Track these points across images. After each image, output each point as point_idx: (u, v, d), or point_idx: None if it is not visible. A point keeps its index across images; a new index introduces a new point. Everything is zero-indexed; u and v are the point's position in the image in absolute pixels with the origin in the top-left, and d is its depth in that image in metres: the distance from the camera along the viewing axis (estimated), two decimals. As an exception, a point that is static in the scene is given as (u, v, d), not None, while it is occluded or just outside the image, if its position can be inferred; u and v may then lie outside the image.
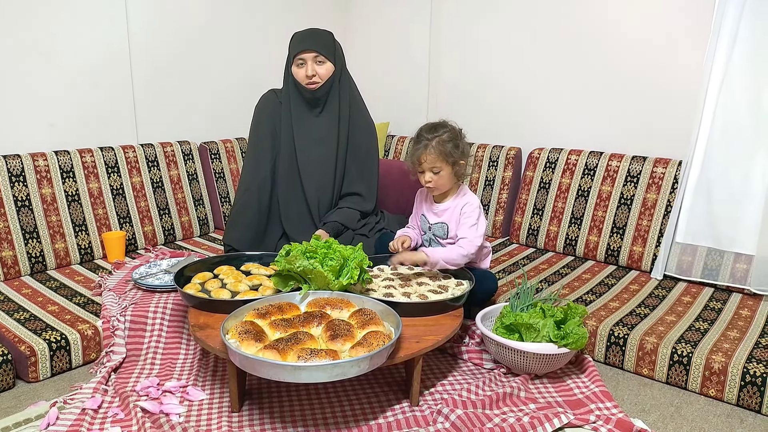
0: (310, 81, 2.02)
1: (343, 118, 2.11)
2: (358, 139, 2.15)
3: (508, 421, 1.43)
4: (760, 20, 1.98)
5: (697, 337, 1.74)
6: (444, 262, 1.79)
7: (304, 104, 2.08)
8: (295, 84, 2.06)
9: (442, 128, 1.85)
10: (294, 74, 2.04)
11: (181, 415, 1.48)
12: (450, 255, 1.80)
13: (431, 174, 1.84)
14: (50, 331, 1.72)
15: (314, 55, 2.00)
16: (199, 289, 1.73)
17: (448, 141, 1.82)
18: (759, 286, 2.02)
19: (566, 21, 2.55)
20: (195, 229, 2.64)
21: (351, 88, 2.14)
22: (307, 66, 2.00)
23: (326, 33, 2.07)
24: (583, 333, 1.61)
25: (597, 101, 2.52)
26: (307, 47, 2.00)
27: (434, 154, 1.81)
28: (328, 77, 2.03)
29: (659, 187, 2.28)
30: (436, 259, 1.78)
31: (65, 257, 2.25)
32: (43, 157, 2.24)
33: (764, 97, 2.00)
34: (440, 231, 1.90)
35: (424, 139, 1.83)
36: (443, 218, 1.90)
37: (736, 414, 1.57)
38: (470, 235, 1.82)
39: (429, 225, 1.94)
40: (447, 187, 1.89)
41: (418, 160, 1.84)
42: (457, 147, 1.83)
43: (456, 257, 1.80)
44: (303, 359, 1.33)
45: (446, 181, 1.86)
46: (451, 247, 1.83)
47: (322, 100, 2.07)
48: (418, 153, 1.83)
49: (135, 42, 2.50)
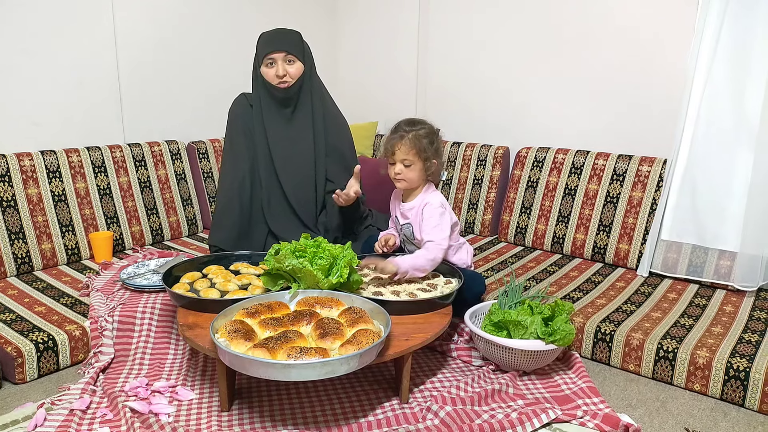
0: (281, 80, 2.02)
1: (317, 117, 2.11)
2: (334, 137, 2.15)
3: (497, 417, 1.45)
4: (741, 21, 2.01)
5: (683, 333, 1.77)
6: (413, 270, 1.78)
7: (276, 104, 2.08)
8: (265, 85, 2.05)
9: (420, 124, 1.86)
10: (264, 74, 2.03)
11: (170, 414, 1.48)
12: (417, 262, 1.77)
13: (401, 166, 1.83)
14: (37, 332, 1.71)
15: (284, 55, 2.00)
16: (188, 289, 1.72)
17: (424, 137, 1.82)
18: (742, 282, 2.06)
19: (553, 22, 2.57)
20: (183, 229, 2.63)
21: (321, 87, 2.15)
22: (278, 66, 2.00)
23: (294, 32, 2.06)
24: (571, 330, 1.63)
25: (583, 101, 2.55)
26: (276, 47, 1.99)
27: (408, 145, 1.81)
28: (298, 76, 2.03)
29: (645, 186, 2.31)
30: (405, 268, 1.76)
31: (52, 258, 2.23)
32: (29, 156, 2.22)
33: (746, 96, 2.03)
34: (408, 232, 1.91)
35: (402, 130, 1.84)
36: (409, 218, 1.90)
37: (720, 408, 1.60)
38: (436, 237, 1.79)
39: (400, 226, 1.94)
40: (415, 184, 1.87)
41: (392, 149, 1.83)
42: (432, 144, 1.84)
43: (424, 263, 1.78)
44: (293, 357, 1.33)
45: (415, 177, 1.84)
46: (418, 253, 1.80)
47: (293, 99, 2.07)
48: (392, 142, 1.83)
49: (121, 40, 2.49)
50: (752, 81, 2.01)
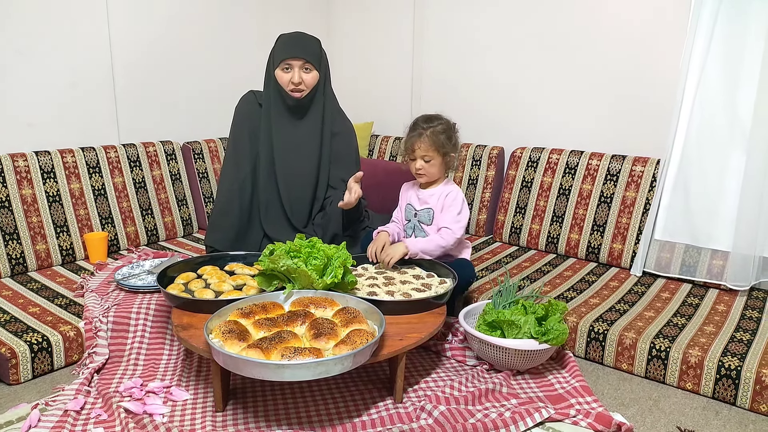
0: (296, 88, 1.99)
1: (327, 126, 2.09)
2: (340, 146, 2.13)
3: (490, 417, 1.45)
4: (733, 23, 2.02)
5: (675, 332, 1.78)
6: (422, 253, 1.87)
7: (286, 110, 2.06)
8: (278, 88, 2.02)
9: (437, 120, 1.94)
10: (278, 77, 2.00)
11: (164, 415, 1.48)
12: (428, 246, 1.87)
13: (422, 162, 1.92)
14: (31, 332, 1.71)
15: (302, 63, 1.97)
16: (183, 290, 1.72)
17: (441, 132, 1.91)
18: (735, 282, 2.07)
19: (548, 23, 2.58)
20: (178, 229, 2.63)
21: (333, 97, 2.13)
22: (294, 72, 1.97)
23: (315, 40, 2.05)
24: (564, 329, 1.64)
25: (578, 101, 2.56)
26: (295, 54, 1.96)
27: (428, 143, 1.89)
28: (313, 85, 2.01)
29: (638, 186, 2.32)
30: (415, 250, 1.86)
31: (46, 258, 2.23)
32: (23, 157, 2.21)
33: (738, 97, 2.05)
34: (426, 217, 1.96)
35: (420, 128, 1.92)
36: (429, 203, 1.96)
37: (711, 406, 1.61)
38: (453, 225, 1.89)
39: (415, 211, 1.99)
40: (436, 177, 1.96)
41: (412, 147, 1.92)
42: (449, 139, 1.92)
43: (434, 248, 1.88)
44: (287, 357, 1.33)
45: (436, 171, 1.93)
46: (431, 238, 1.89)
47: (304, 108, 2.06)
48: (412, 140, 1.92)
49: (116, 40, 2.48)
50: (744, 82, 2.03)
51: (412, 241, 1.86)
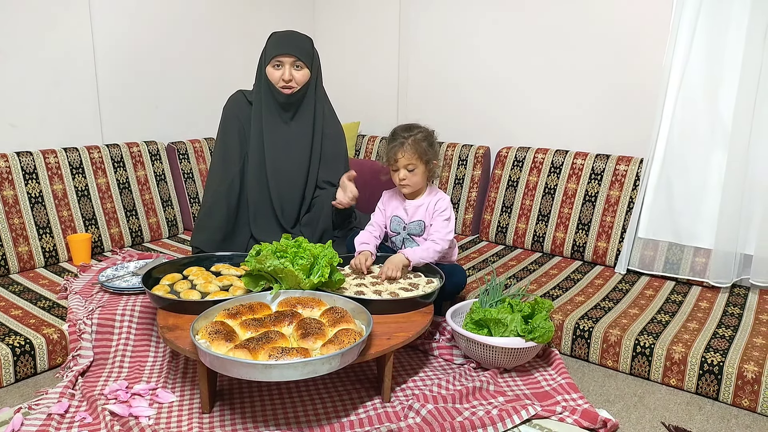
0: (286, 85, 1.99)
1: (317, 126, 2.09)
2: (330, 146, 2.13)
3: (478, 414, 1.46)
4: (715, 23, 2.05)
5: (659, 329, 1.80)
6: (422, 260, 1.87)
7: (276, 108, 2.05)
8: (269, 85, 2.02)
9: (417, 128, 1.91)
10: (268, 74, 2.00)
11: (150, 417, 1.47)
12: (426, 254, 1.87)
13: (406, 171, 1.89)
14: (13, 335, 1.68)
15: (293, 60, 1.97)
16: (168, 291, 1.71)
17: (423, 140, 1.88)
18: (717, 279, 2.10)
19: (532, 23, 2.60)
20: (163, 230, 2.60)
21: (324, 96, 2.13)
22: (285, 69, 1.97)
23: (306, 38, 2.05)
24: (550, 327, 1.65)
25: (562, 101, 2.58)
26: (286, 51, 1.96)
27: (410, 151, 1.87)
28: (304, 83, 2.02)
29: (622, 185, 2.35)
30: (416, 260, 1.86)
31: (29, 260, 2.20)
32: (4, 158, 2.18)
33: (720, 97, 2.08)
34: (417, 229, 1.94)
35: (400, 137, 1.88)
36: (418, 215, 1.94)
37: (695, 402, 1.63)
38: (443, 230, 1.89)
39: (404, 225, 1.96)
40: (419, 186, 1.93)
41: (394, 158, 1.88)
42: (431, 146, 1.90)
43: (432, 255, 1.88)
44: (274, 358, 1.33)
45: (419, 179, 1.91)
46: (426, 246, 1.88)
47: (295, 105, 2.05)
48: (394, 150, 1.88)
49: (99, 39, 2.46)
50: (725, 81, 2.06)
51: (410, 252, 1.85)
